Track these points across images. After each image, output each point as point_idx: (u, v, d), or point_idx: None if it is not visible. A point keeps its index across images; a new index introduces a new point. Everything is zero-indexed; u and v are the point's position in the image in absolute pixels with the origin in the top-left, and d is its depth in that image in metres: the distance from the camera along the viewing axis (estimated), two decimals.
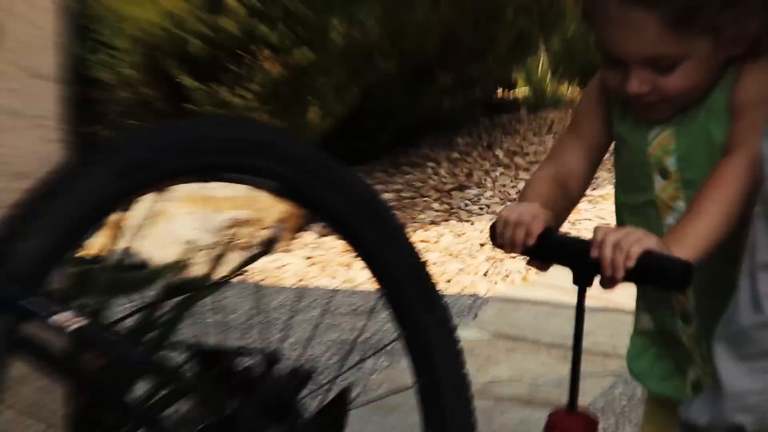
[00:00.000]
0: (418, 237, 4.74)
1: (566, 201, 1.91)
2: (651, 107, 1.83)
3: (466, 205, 5.15)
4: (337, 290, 4.17)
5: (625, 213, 1.94)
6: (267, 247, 2.01)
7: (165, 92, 4.60)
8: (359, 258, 2.06)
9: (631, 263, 1.66)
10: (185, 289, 2.07)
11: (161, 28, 4.39)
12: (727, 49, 1.79)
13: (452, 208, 5.11)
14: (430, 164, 5.67)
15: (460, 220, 4.95)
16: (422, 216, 5.01)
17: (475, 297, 4.08)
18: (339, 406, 1.99)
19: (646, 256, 1.67)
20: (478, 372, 3.36)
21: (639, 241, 1.67)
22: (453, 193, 5.31)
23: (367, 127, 5.40)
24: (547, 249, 1.77)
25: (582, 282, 1.73)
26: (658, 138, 1.87)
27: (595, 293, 1.73)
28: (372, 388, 3.28)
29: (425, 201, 5.20)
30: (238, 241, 4.47)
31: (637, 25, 1.75)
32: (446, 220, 4.95)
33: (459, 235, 4.76)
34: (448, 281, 4.30)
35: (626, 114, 1.90)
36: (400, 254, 2.04)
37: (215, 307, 2.20)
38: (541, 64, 7.41)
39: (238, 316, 3.96)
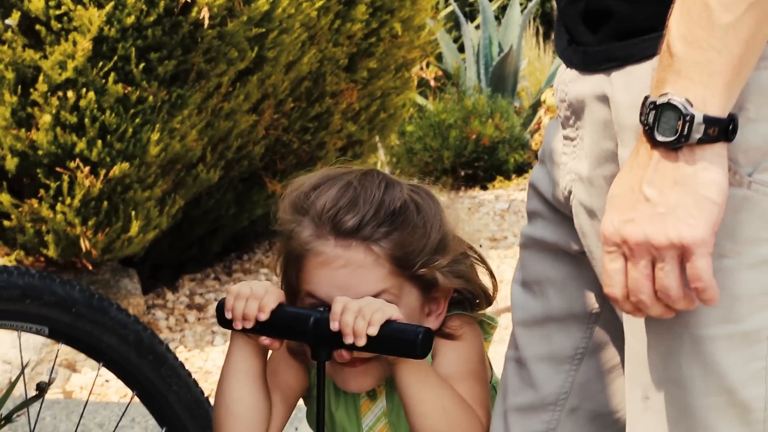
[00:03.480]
0: None
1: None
2: (354, 367, 1.79)
3: None
4: None
5: None
6: (41, 391, 2.01)
7: None
8: (138, 397, 2.06)
9: (374, 330, 1.65)
10: None
11: None
12: (431, 308, 1.82)
13: None
14: (264, 271, 5.68)
15: None
16: None
17: (297, 410, 4.09)
18: None
19: (388, 324, 1.67)
20: None
21: (381, 310, 1.67)
22: None
23: (198, 236, 5.41)
24: (281, 324, 1.72)
25: (321, 356, 1.70)
26: (375, 428, 1.86)
27: None
28: None
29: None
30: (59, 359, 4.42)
31: (356, 261, 1.75)
32: None
33: None
34: None
35: (339, 397, 1.86)
36: (180, 391, 2.06)
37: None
38: (379, 165, 7.52)
39: None
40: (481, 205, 6.80)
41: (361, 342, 1.66)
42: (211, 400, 2.11)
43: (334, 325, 1.67)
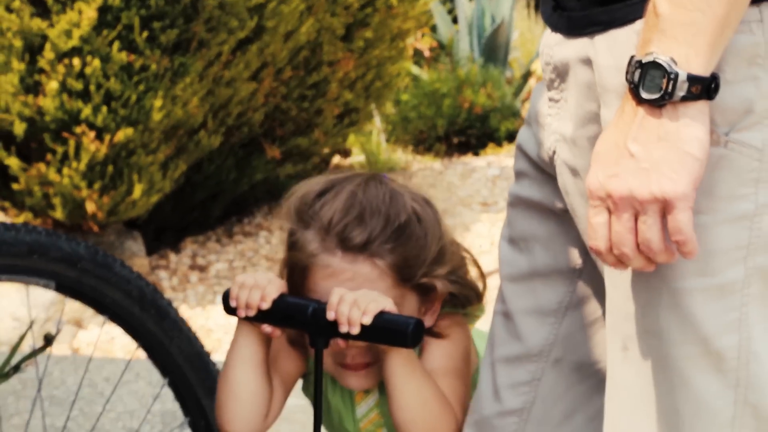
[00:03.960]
0: None
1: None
2: (356, 371, 1.83)
3: None
4: None
5: None
6: (48, 342, 2.02)
7: None
8: (142, 348, 2.08)
9: (368, 320, 1.68)
10: None
11: None
12: (426, 307, 1.84)
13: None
14: (263, 233, 5.69)
15: None
16: None
17: None
18: None
19: (381, 315, 1.70)
20: None
21: (375, 301, 1.70)
22: None
23: (200, 200, 5.42)
24: (281, 313, 1.75)
25: (319, 344, 1.74)
26: (368, 416, 1.88)
27: None
28: None
29: (256, 270, 5.23)
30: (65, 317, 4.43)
31: (363, 275, 1.76)
32: None
33: None
34: None
35: (336, 384, 1.89)
36: (181, 344, 2.08)
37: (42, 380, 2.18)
38: (375, 132, 7.52)
39: (69, 387, 3.93)
40: (473, 171, 6.80)
41: (355, 330, 1.69)
42: (213, 357, 2.13)
43: (330, 315, 1.70)
